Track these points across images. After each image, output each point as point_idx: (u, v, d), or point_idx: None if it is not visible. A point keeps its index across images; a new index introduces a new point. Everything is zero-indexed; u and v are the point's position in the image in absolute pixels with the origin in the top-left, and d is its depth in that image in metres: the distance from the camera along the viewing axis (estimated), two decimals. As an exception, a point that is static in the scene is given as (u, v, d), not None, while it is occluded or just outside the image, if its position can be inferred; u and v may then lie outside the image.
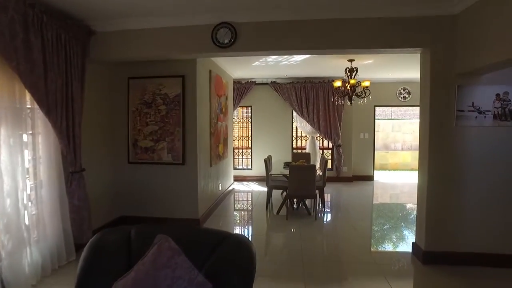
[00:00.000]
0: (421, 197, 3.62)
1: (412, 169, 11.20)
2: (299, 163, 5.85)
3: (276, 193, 6.39)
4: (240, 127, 8.91)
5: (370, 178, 8.45)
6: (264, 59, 5.87)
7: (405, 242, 4.35)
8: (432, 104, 3.33)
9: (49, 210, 3.27)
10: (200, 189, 4.86)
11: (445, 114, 3.31)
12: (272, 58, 5.84)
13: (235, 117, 8.74)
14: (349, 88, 5.82)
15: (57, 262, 3.26)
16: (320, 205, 5.76)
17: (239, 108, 8.67)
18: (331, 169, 8.36)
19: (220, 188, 6.16)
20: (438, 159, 3.38)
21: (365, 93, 5.81)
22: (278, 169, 6.23)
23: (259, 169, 8.26)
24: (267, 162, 5.80)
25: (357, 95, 5.87)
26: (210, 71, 5.36)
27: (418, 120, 3.63)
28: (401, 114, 19.55)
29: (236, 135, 8.77)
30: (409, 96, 8.21)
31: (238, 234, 1.89)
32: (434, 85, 3.32)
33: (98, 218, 4.36)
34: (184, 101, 4.66)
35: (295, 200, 5.69)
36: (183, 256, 1.67)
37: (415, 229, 3.90)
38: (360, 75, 6.02)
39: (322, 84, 7.92)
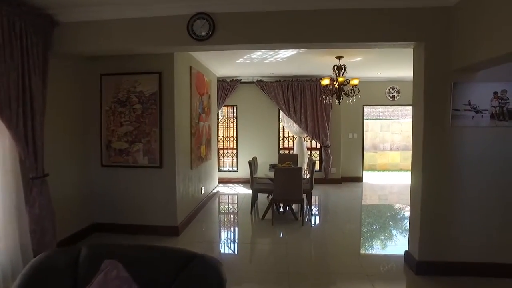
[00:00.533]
0: (414, 202, 3.38)
1: (401, 170, 11.09)
2: (285, 165, 5.58)
3: (262, 196, 6.11)
4: (225, 127, 8.59)
5: (359, 179, 8.24)
6: (248, 55, 5.57)
7: (396, 248, 4.11)
8: (426, 102, 3.08)
9: (2, 221, 2.90)
10: (179, 193, 4.54)
11: (440, 113, 3.07)
12: (256, 55, 5.55)
13: (220, 117, 8.42)
14: (337, 86, 5.57)
15: (10, 280, 2.88)
16: (308, 209, 5.50)
17: (224, 107, 8.35)
18: (319, 170, 8.12)
19: (202, 192, 5.83)
20: (433, 162, 3.13)
21: (354, 92, 5.57)
22: (264, 171, 5.96)
23: (244, 170, 7.93)
24: (252, 164, 5.50)
25: (345, 94, 5.62)
26: (190, 68, 5.03)
27: (407, 120, 3.39)
28: (389, 114, 19.47)
29: (221, 135, 8.45)
30: (398, 95, 8.04)
31: (205, 255, 1.59)
32: (428, 82, 3.07)
33: (68, 226, 4.02)
34: (161, 100, 4.33)
35: (281, 204, 5.41)
36: (135, 286, 1.37)
37: (406, 233, 3.66)
38: (349, 73, 5.79)
39: (310, 83, 7.66)
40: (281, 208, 5.48)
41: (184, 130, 4.84)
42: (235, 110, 8.27)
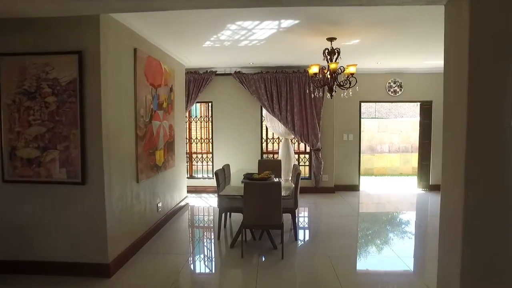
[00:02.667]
0: (449, 239, 2.17)
1: (400, 174, 9.98)
2: (263, 176, 4.38)
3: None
4: (199, 128, 7.38)
5: (355, 187, 7.07)
6: (215, 36, 4.35)
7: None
8: (471, 89, 1.88)
9: None
10: (113, 217, 3.31)
11: (495, 105, 1.88)
12: (226, 36, 4.33)
13: (197, 115, 7.21)
14: (328, 76, 4.38)
15: None
16: (291, 232, 4.31)
17: (198, 104, 7.16)
18: (309, 177, 6.94)
19: (159, 210, 4.61)
20: (480, 179, 1.92)
21: (350, 83, 4.38)
22: (238, 183, 4.74)
23: (221, 178, 6.74)
24: (219, 175, 4.28)
25: (339, 85, 4.43)
26: (135, 50, 3.80)
27: (406, 119, 2.18)
28: (385, 113, 18.31)
29: (194, 137, 7.22)
30: (400, 90, 6.87)
31: None
32: (475, 56, 1.88)
33: None
34: (82, 90, 3.10)
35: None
36: None
37: (427, 270, 2.47)
38: (343, 61, 4.57)
39: (297, 75, 6.47)
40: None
41: (125, 132, 3.62)
42: (210, 107, 7.05)
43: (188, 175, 7.18)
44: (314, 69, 4.33)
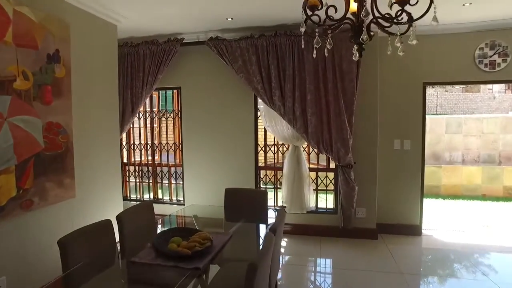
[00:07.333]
0: None
1: (484, 197, 6.74)
2: (184, 249, 1.83)
3: None
4: (174, 126, 4.99)
5: (415, 230, 4.18)
6: None
7: None
8: None
9: None
10: None
11: None
12: None
13: (169, 109, 4.83)
14: (347, 7, 1.67)
15: None
16: None
17: (169, 91, 4.79)
18: (334, 211, 4.21)
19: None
20: None
21: (411, 17, 1.63)
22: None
23: (196, 202, 4.27)
24: (67, 249, 1.78)
25: (379, 24, 1.69)
26: None
27: (489, 116, 0.10)
28: (449, 108, 14.24)
29: (163, 141, 4.84)
30: (504, 61, 3.84)
31: None
32: None
33: None
34: None
35: None
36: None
37: None
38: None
39: (311, 39, 3.77)
40: None
41: None
42: (178, 95, 4.61)
43: (151, 198, 4.84)
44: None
